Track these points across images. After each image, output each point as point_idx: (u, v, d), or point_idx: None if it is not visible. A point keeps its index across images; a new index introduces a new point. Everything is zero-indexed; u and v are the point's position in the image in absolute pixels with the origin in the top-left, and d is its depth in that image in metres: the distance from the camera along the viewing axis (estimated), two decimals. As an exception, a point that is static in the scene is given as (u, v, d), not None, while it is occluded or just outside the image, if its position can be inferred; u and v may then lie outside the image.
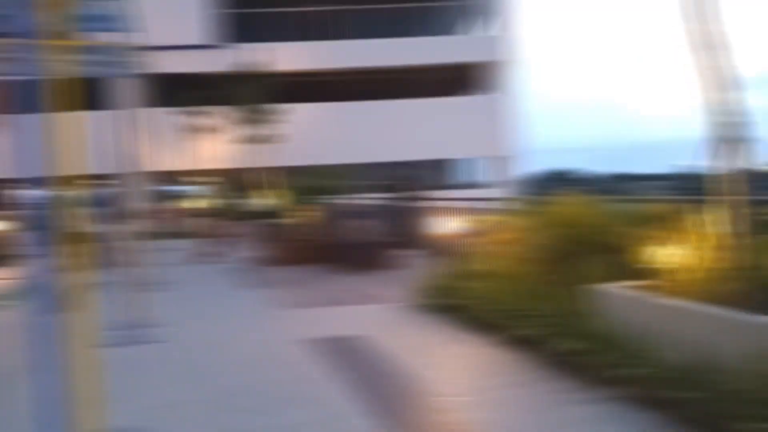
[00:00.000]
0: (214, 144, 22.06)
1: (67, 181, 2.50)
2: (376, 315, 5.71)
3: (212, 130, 20.75)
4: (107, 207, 8.25)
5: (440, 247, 9.31)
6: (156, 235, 16.50)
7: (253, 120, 19.18)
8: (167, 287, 8.07)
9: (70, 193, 2.57)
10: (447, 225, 9.37)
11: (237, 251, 12.23)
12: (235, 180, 26.33)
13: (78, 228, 2.67)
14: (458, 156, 27.05)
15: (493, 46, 23.09)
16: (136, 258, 5.75)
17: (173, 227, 18.78)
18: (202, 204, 20.84)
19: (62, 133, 2.46)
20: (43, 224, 2.33)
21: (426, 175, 30.38)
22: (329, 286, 7.54)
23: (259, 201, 19.03)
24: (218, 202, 11.43)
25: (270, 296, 6.93)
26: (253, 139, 19.49)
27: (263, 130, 19.50)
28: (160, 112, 21.66)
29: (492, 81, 23.29)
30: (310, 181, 15.36)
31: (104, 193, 8.87)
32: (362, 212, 10.89)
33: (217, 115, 20.86)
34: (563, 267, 4.26)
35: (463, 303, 4.88)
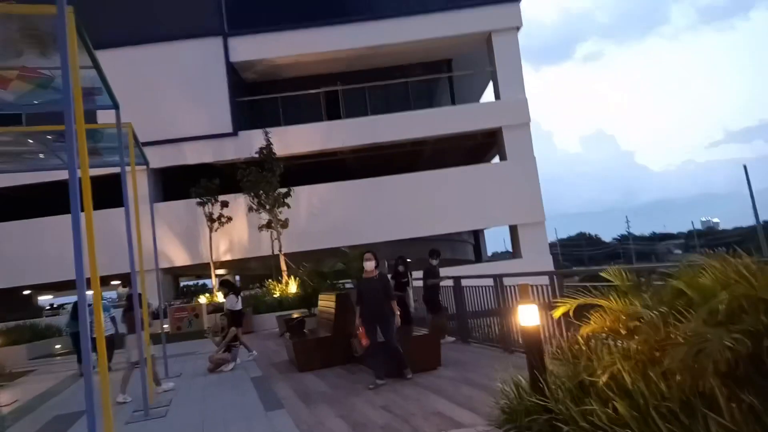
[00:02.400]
0: (230, 234, 21.17)
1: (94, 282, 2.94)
2: None
3: (228, 219, 19.93)
4: (127, 308, 7.50)
5: (506, 340, 7.78)
6: (174, 336, 15.23)
7: (271, 205, 18.31)
8: (179, 412, 6.63)
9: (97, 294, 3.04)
10: (505, 307, 7.89)
11: (260, 352, 10.77)
12: (254, 270, 25.28)
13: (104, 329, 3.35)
14: (488, 225, 25.77)
15: (516, 111, 22.40)
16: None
17: (192, 325, 17.44)
18: (219, 298, 19.62)
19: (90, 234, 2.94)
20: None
21: (456, 249, 29.15)
22: (375, 399, 5.94)
23: (280, 291, 17.73)
24: (230, 299, 10.06)
25: (308, 422, 5.35)
26: (271, 225, 18.54)
27: (280, 215, 18.59)
28: (176, 205, 21.07)
29: (513, 146, 22.39)
30: (332, 265, 14.14)
31: (125, 294, 8.16)
32: (424, 293, 9.52)
33: (231, 204, 20.12)
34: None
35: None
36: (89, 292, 4.11)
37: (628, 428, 3.24)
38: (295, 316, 13.78)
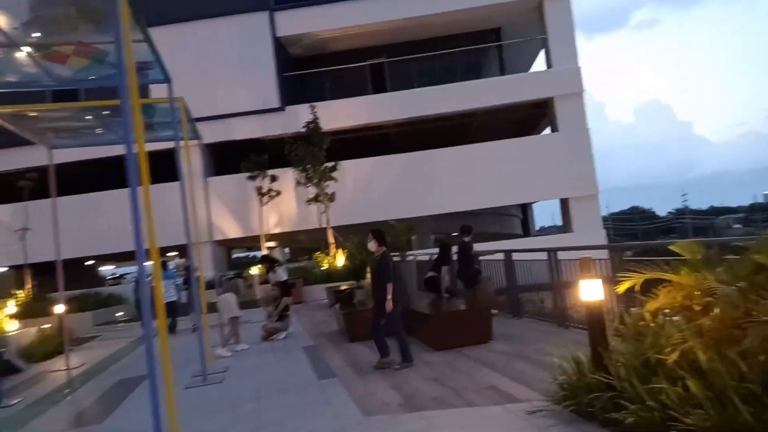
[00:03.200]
0: (279, 207, 21.53)
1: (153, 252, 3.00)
2: (519, 427, 3.99)
3: (277, 192, 20.24)
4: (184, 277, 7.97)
5: (561, 315, 7.58)
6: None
7: (316, 180, 18.45)
8: (236, 376, 6.83)
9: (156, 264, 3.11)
10: (560, 281, 7.67)
11: (310, 323, 10.98)
12: (303, 242, 25.71)
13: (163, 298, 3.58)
14: (537, 199, 25.16)
15: (569, 80, 21.53)
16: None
17: (244, 296, 17.97)
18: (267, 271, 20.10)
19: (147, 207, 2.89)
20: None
21: (503, 223, 28.70)
22: (427, 372, 5.92)
23: (328, 263, 17.95)
24: (277, 272, 10.23)
25: (360, 392, 5.39)
26: (318, 199, 18.72)
27: (327, 189, 18.72)
28: (227, 179, 21.53)
29: (566, 117, 21.59)
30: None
31: (181, 264, 8.53)
32: (459, 268, 9.38)
33: (280, 178, 20.40)
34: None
35: (649, 416, 3.21)
36: (149, 263, 4.21)
37: (700, 408, 3.06)
38: (343, 287, 13.92)
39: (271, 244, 24.59)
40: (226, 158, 22.32)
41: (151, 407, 3.77)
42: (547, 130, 24.47)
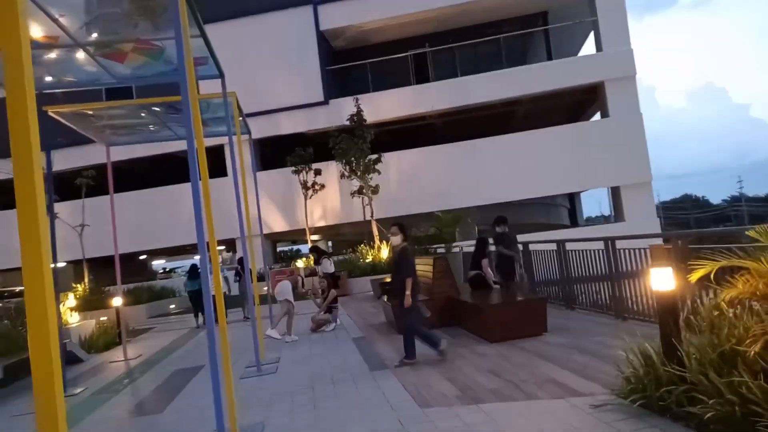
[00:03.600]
0: (324, 200, 21.72)
1: (212, 245, 3.20)
2: (585, 422, 3.85)
3: (321, 186, 20.43)
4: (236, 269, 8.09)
5: (619, 306, 7.31)
6: (275, 297, 16.00)
7: (360, 172, 18.49)
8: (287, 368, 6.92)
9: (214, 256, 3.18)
10: (618, 271, 7.39)
11: (357, 314, 11.01)
12: (347, 235, 25.88)
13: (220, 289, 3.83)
14: (587, 188, 24.44)
15: (620, 63, 20.77)
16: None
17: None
18: (314, 264, 20.33)
19: (207, 201, 3.10)
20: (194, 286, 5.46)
21: (550, 213, 28.06)
22: (482, 364, 5.82)
23: (372, 256, 18.00)
24: (324, 263, 10.32)
25: (414, 383, 5.34)
26: (362, 192, 18.76)
27: (371, 182, 18.73)
28: (272, 174, 21.86)
29: (617, 102, 20.85)
30: (425, 230, 14.05)
31: (229, 258, 8.73)
32: (496, 261, 9.17)
33: (324, 171, 20.57)
34: None
35: (729, 411, 3.01)
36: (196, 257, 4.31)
37: (789, 404, 2.85)
38: (388, 279, 13.92)
39: (315, 237, 24.90)
40: (272, 153, 22.70)
41: (213, 397, 3.84)
42: (597, 116, 23.71)
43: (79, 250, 17.64)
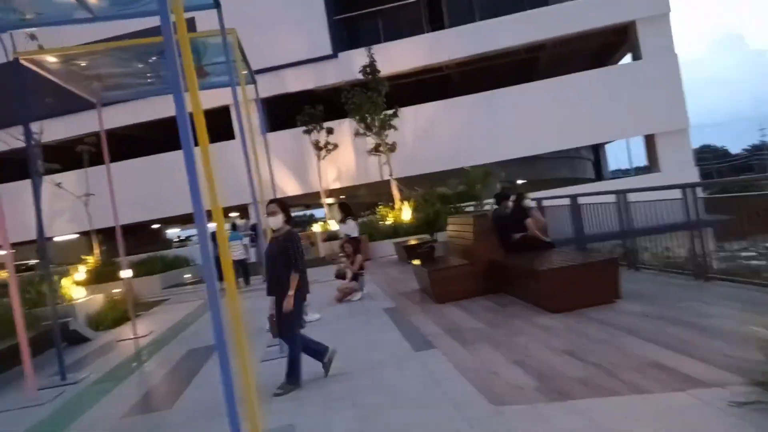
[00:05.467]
0: (338, 161, 20.58)
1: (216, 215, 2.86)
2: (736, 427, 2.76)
3: (334, 146, 19.28)
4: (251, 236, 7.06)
5: (700, 264, 6.20)
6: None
7: (376, 128, 17.28)
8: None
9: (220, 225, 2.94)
10: (697, 222, 6.27)
11: (383, 281, 10.06)
12: (363, 197, 24.86)
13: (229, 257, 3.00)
14: (617, 137, 23.04)
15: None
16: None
17: (308, 253, 17.38)
18: (332, 227, 19.38)
19: (206, 167, 2.78)
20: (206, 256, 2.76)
21: (576, 167, 26.73)
22: (552, 341, 4.82)
23: (393, 217, 16.97)
24: (347, 225, 9.26)
25: (475, 369, 4.36)
26: (379, 150, 17.60)
27: (387, 139, 17.54)
28: (282, 135, 20.69)
29: (650, 42, 19.22)
30: (451, 188, 12.95)
31: (243, 225, 7.65)
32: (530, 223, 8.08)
33: (337, 130, 19.38)
34: None
35: None
36: (212, 224, 3.34)
37: None
38: (413, 242, 12.95)
39: (330, 200, 23.88)
40: (280, 113, 21.44)
41: (224, 388, 2.91)
42: (626, 60, 22.09)
43: (86, 221, 16.82)
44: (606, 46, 22.13)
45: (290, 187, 21.32)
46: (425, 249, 9.19)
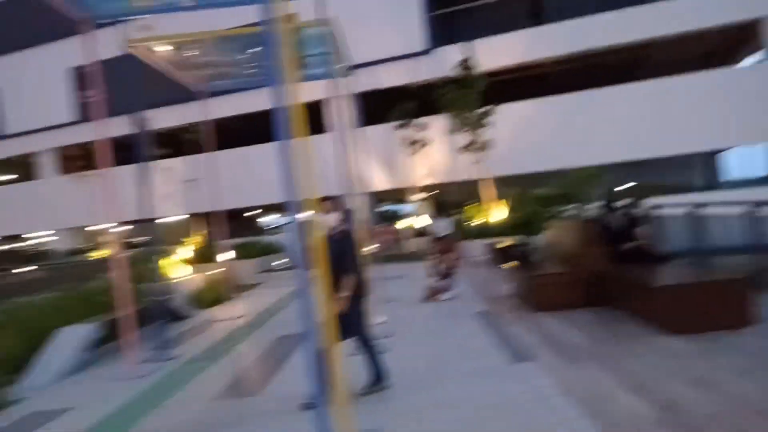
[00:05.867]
0: (428, 158, 20.34)
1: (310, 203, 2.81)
2: None
3: (425, 142, 19.05)
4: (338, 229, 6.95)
5: None
6: (379, 259, 15.17)
7: (469, 126, 16.83)
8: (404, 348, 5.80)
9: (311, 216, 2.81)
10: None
11: (474, 283, 9.68)
12: (452, 195, 24.46)
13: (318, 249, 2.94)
14: (735, 144, 20.95)
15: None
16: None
17: (393, 250, 17.36)
18: (419, 224, 19.17)
19: (301, 159, 2.77)
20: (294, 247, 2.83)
21: (684, 174, 24.68)
22: (679, 368, 4.27)
23: (483, 217, 16.46)
24: (438, 222, 8.94)
25: (585, 391, 3.96)
26: (470, 148, 17.13)
27: (481, 137, 17.01)
28: (374, 130, 20.77)
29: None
30: (550, 190, 12.26)
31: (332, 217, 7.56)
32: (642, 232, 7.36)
33: (429, 126, 19.12)
34: None
35: None
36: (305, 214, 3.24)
37: None
38: (505, 244, 12.41)
39: (419, 197, 23.70)
40: (372, 108, 21.51)
41: (313, 385, 2.76)
42: (749, 61, 19.94)
43: (194, 205, 17.79)
44: (724, 45, 20.11)
45: (379, 182, 21.36)
46: (521, 252, 8.70)
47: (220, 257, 11.54)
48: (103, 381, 5.71)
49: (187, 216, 20.97)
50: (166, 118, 21.22)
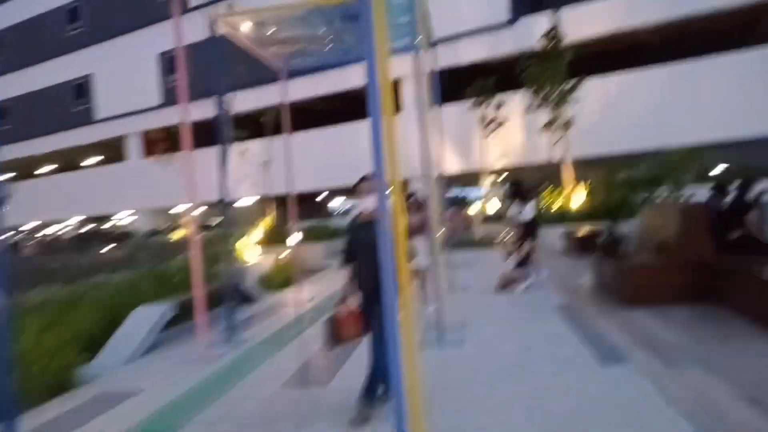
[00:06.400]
0: (504, 138, 19.47)
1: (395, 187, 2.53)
2: None
3: (502, 122, 18.19)
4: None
5: None
6: (449, 245, 14.74)
7: (551, 103, 15.84)
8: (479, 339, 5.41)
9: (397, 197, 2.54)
10: None
11: (552, 273, 9.05)
12: (527, 179, 23.42)
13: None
14: None
15: None
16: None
17: (465, 235, 16.84)
18: (495, 209, 18.49)
19: (387, 138, 2.49)
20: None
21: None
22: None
23: (562, 202, 15.55)
24: (516, 206, 8.33)
25: (690, 401, 3.42)
26: (551, 126, 16.15)
27: (566, 114, 15.96)
28: (446, 110, 20.15)
29: None
30: (643, 172, 11.21)
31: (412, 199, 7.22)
32: (755, 217, 6.46)
33: (505, 104, 18.23)
34: None
35: None
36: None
37: None
38: (588, 231, 11.60)
39: (491, 179, 22.87)
40: (446, 86, 20.83)
41: (393, 383, 2.46)
42: None
43: (267, 187, 18.10)
44: None
45: (451, 164, 20.76)
46: (608, 240, 7.97)
47: (290, 240, 11.57)
48: (174, 363, 5.73)
49: (259, 198, 21.41)
50: (245, 100, 21.72)
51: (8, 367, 3.17)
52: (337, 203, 38.53)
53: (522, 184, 8.62)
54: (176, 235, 20.49)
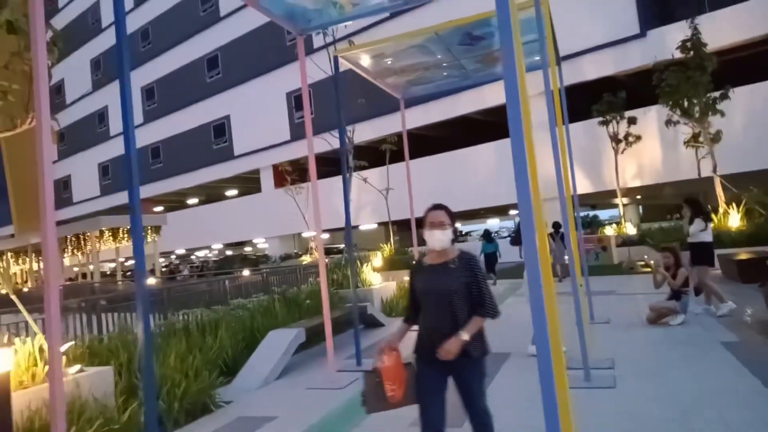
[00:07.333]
0: (638, 155, 17.99)
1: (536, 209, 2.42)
2: None
3: (637, 137, 16.85)
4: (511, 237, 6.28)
5: None
6: (583, 270, 13.72)
7: (696, 115, 14.32)
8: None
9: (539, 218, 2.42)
10: None
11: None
12: (666, 198, 21.35)
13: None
14: None
15: None
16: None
17: (599, 258, 15.63)
18: (628, 230, 17.04)
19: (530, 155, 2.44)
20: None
21: None
22: None
23: (718, 222, 13.83)
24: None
25: None
26: (696, 140, 14.58)
27: (710, 127, 14.36)
28: (573, 127, 19.09)
29: None
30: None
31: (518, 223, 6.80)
32: None
33: (640, 120, 16.88)
34: None
35: None
36: (494, 221, 2.63)
37: None
38: (752, 255, 10.12)
39: (624, 200, 21.15)
40: (571, 104, 19.81)
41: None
42: None
43: (387, 213, 18.40)
44: None
45: (579, 185, 19.52)
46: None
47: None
48: (304, 388, 5.75)
49: (383, 223, 21.77)
50: (365, 131, 22.52)
51: (153, 391, 3.29)
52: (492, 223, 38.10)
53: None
54: (306, 260, 21.46)
